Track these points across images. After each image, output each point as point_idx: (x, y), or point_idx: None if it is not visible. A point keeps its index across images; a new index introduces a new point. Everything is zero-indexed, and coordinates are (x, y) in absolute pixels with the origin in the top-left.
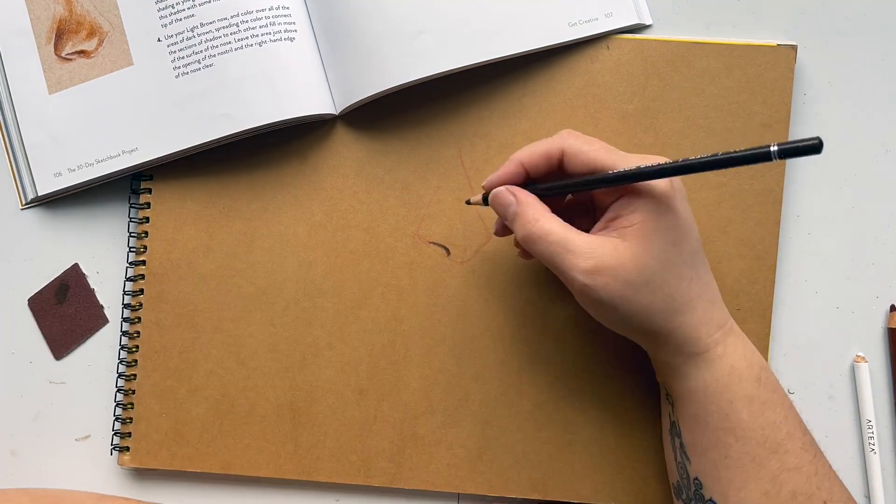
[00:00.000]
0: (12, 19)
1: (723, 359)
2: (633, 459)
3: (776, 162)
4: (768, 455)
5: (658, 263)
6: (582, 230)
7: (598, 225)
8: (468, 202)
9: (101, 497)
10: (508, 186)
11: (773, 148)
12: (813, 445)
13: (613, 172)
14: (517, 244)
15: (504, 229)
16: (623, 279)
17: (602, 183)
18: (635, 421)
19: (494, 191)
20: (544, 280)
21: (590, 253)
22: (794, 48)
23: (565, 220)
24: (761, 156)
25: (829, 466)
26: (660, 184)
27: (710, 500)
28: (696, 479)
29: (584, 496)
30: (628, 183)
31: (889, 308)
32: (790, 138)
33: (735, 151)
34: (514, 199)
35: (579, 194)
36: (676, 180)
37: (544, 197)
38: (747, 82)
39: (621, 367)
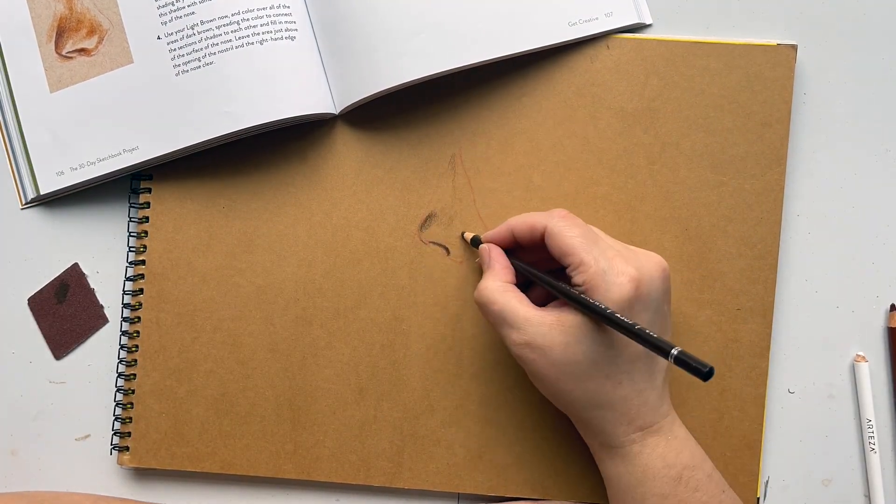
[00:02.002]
0: (14, 17)
1: (637, 457)
2: None
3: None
4: None
5: (586, 360)
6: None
7: (557, 301)
8: (462, 236)
9: (98, 498)
10: (492, 247)
11: (674, 352)
12: None
13: (558, 285)
14: None
15: None
16: (549, 361)
17: (552, 288)
18: None
19: (481, 245)
20: None
21: (524, 329)
22: (794, 48)
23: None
24: (662, 351)
25: None
26: (617, 291)
27: None
28: None
29: (585, 496)
30: (570, 301)
31: (889, 307)
32: (790, 137)
33: (647, 333)
34: (487, 259)
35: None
36: (643, 290)
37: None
38: (747, 82)
39: None
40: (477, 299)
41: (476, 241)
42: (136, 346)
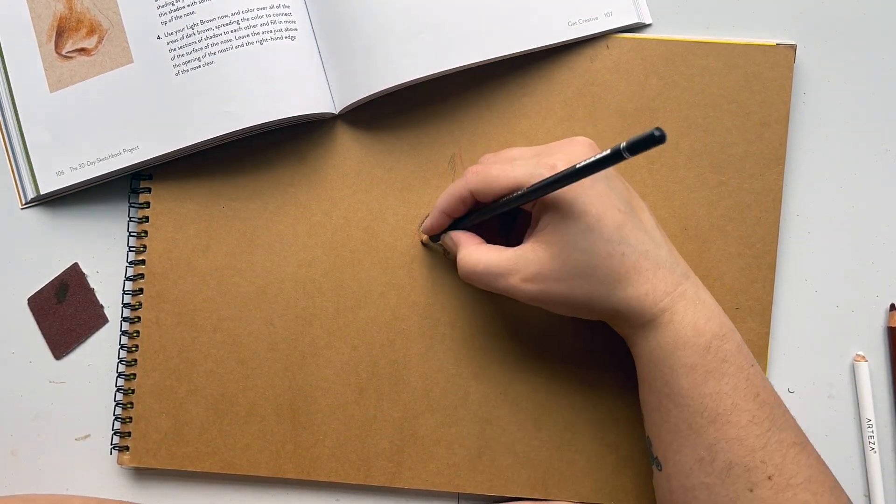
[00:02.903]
0: (14, 17)
1: (668, 326)
2: (633, 459)
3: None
4: (706, 424)
5: (580, 253)
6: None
7: (530, 236)
8: (423, 243)
9: (99, 501)
10: (451, 232)
11: (622, 145)
12: (768, 420)
13: (517, 194)
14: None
15: None
16: (553, 278)
17: (514, 201)
18: (635, 420)
19: (442, 236)
20: None
21: (515, 268)
22: (793, 47)
23: (515, 234)
24: (614, 156)
25: (792, 444)
26: (551, 173)
27: (656, 458)
28: (648, 437)
29: (585, 496)
30: (507, 208)
31: (889, 307)
32: (789, 137)
33: (590, 161)
34: (455, 241)
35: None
36: (577, 160)
37: (482, 226)
38: (747, 82)
39: (621, 367)
40: (461, 273)
41: (434, 239)
42: (136, 346)
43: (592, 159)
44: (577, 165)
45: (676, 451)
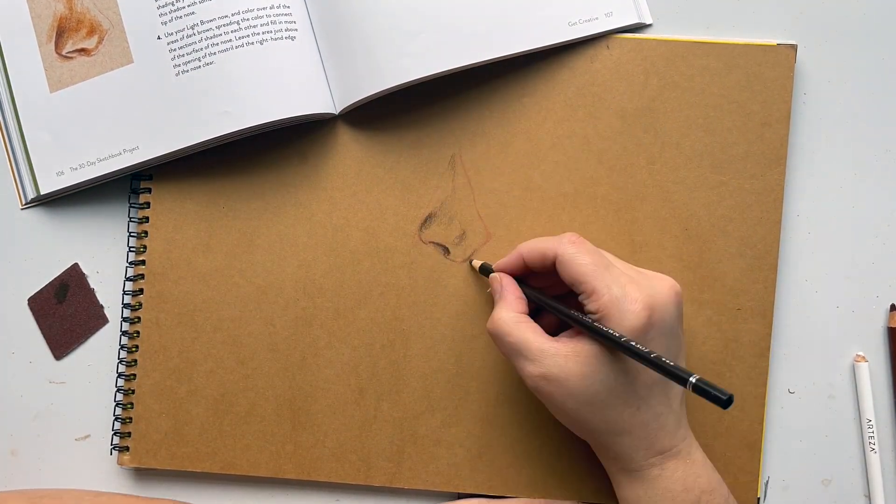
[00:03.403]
0: (14, 17)
1: (657, 480)
2: None
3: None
4: None
5: (604, 389)
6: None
7: (571, 331)
8: (470, 262)
9: (99, 494)
10: (503, 276)
11: (692, 379)
12: None
13: (572, 314)
14: None
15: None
16: (566, 392)
17: (566, 318)
18: None
19: (493, 275)
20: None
21: (539, 361)
22: (793, 47)
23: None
24: (680, 379)
25: None
26: (631, 319)
27: None
28: None
29: (584, 496)
30: (585, 330)
31: (889, 307)
32: (790, 137)
33: (664, 361)
34: (499, 289)
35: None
36: (657, 315)
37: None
38: (747, 82)
39: None
40: (491, 331)
41: (486, 270)
42: (136, 346)
43: (660, 362)
44: (650, 355)
45: None
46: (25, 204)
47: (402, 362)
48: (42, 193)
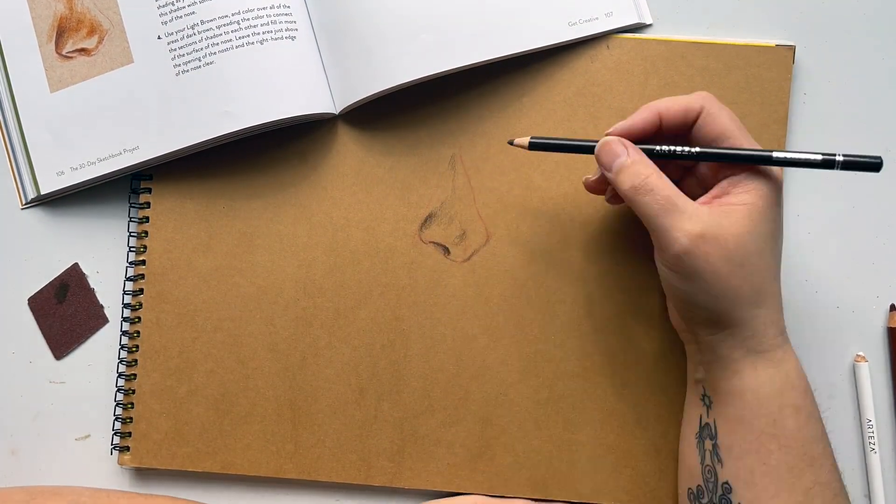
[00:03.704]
0: (14, 17)
1: (781, 363)
2: (633, 459)
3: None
4: (805, 468)
5: (756, 249)
6: None
7: (703, 199)
8: (511, 142)
9: (97, 490)
10: (621, 139)
11: (839, 157)
12: (836, 466)
13: (745, 150)
14: (610, 194)
15: (598, 184)
16: (724, 253)
17: (730, 158)
18: (635, 420)
19: (604, 139)
20: (544, 279)
21: (697, 217)
22: (791, 48)
23: None
24: (830, 161)
25: (840, 490)
26: (776, 172)
27: None
28: (726, 483)
29: (585, 496)
30: (756, 164)
31: (889, 307)
32: (787, 138)
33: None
34: (625, 150)
35: (688, 162)
36: (782, 178)
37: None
38: (746, 82)
39: (621, 367)
40: (637, 187)
41: (539, 145)
42: (136, 346)
43: (803, 157)
44: (790, 155)
45: (772, 497)
46: (25, 204)
47: (402, 362)
48: (42, 193)
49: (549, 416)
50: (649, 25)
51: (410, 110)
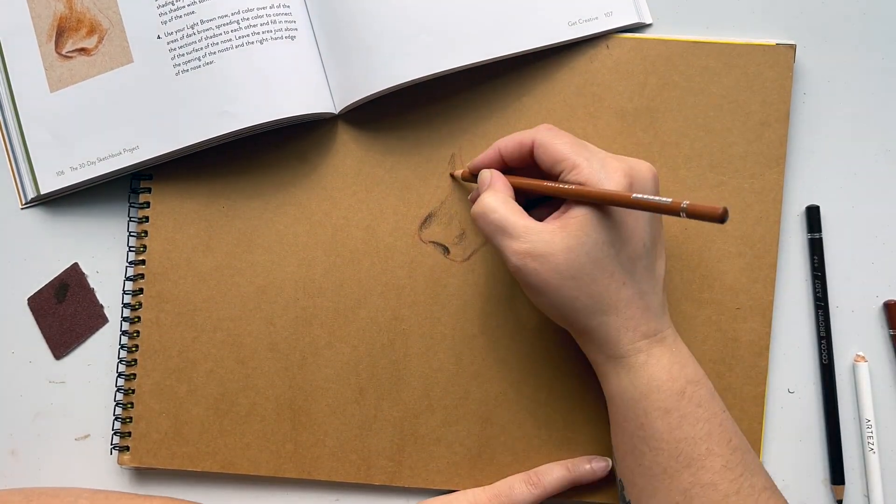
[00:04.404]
0: (14, 17)
1: (643, 367)
2: None
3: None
4: (681, 469)
5: (589, 260)
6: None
7: (555, 213)
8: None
9: (96, 492)
10: (493, 170)
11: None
12: (741, 465)
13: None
14: None
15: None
16: (552, 268)
17: (553, 192)
18: None
19: (482, 171)
20: None
21: (524, 237)
22: (792, 47)
23: (541, 205)
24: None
25: (763, 488)
26: (613, 186)
27: (628, 502)
28: (620, 480)
29: (584, 495)
30: (559, 195)
31: (882, 305)
32: (790, 137)
33: (649, 198)
34: (486, 179)
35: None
36: (637, 185)
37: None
38: (746, 81)
39: None
40: (475, 211)
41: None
42: (136, 346)
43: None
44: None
45: (651, 496)
46: (25, 204)
47: (402, 362)
48: (42, 193)
49: (549, 414)
50: (649, 25)
51: (410, 110)
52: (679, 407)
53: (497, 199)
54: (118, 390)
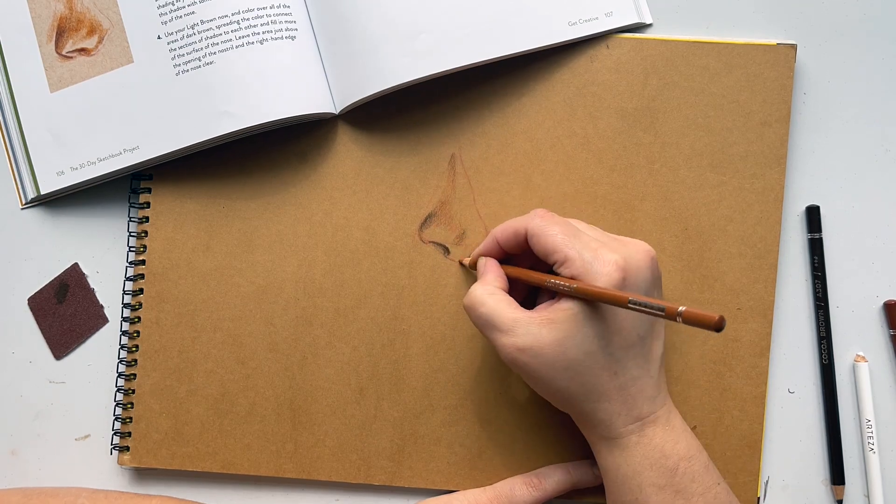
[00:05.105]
0: (14, 17)
1: (636, 447)
2: None
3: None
4: None
5: (580, 354)
6: (545, 300)
7: (546, 302)
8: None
9: (95, 491)
10: (488, 259)
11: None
12: None
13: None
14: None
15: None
16: (543, 361)
17: (545, 284)
18: None
19: (479, 259)
20: None
21: (513, 331)
22: (793, 47)
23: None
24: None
25: None
26: (604, 281)
27: None
28: None
29: (584, 496)
30: (553, 290)
31: (882, 305)
32: (790, 137)
33: (644, 300)
34: (481, 270)
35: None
36: (631, 277)
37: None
38: (747, 81)
39: None
40: (465, 304)
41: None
42: (136, 346)
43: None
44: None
45: None
46: (25, 204)
47: (402, 362)
48: (42, 193)
49: (549, 414)
50: (649, 25)
51: (410, 110)
52: (673, 483)
53: (485, 291)
54: (118, 390)
